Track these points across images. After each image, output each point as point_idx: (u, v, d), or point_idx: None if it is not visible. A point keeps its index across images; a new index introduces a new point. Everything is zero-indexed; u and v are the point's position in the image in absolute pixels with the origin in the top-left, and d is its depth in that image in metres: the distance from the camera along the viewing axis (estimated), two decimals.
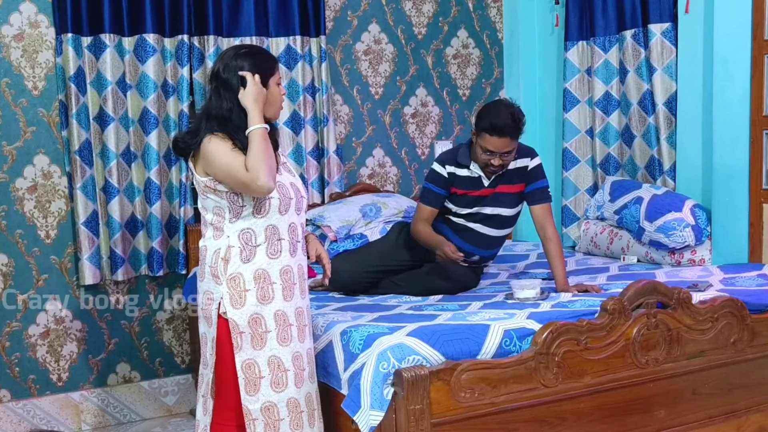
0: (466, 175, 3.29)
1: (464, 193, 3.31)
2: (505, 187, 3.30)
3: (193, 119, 2.39)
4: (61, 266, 3.71)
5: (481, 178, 3.29)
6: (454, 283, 3.28)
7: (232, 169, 2.26)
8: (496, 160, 3.18)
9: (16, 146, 3.61)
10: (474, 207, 3.31)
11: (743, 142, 3.41)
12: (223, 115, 2.32)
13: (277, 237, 2.37)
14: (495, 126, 3.12)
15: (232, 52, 2.39)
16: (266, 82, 2.37)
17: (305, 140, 4.11)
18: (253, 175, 2.23)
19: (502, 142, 3.13)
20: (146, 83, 3.75)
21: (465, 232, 3.34)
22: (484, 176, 3.28)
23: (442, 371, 2.29)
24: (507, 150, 3.17)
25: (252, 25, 3.96)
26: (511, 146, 3.17)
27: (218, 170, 2.29)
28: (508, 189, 3.31)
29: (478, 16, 4.62)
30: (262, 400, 2.34)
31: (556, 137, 4.50)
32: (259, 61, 2.38)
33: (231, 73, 2.34)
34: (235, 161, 2.26)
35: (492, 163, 3.19)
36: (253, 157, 2.25)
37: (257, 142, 2.27)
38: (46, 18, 3.61)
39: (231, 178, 2.27)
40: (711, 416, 2.74)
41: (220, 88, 2.35)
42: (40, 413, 3.70)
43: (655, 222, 3.58)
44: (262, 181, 2.23)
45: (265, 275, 2.35)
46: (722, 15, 3.45)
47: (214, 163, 2.28)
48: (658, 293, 2.63)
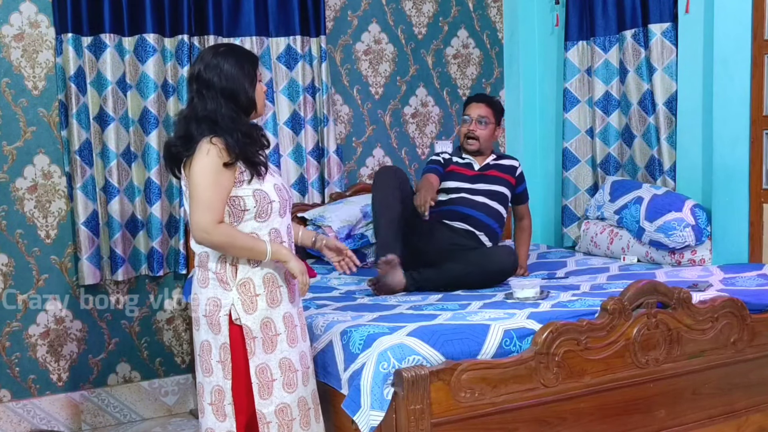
0: (459, 159, 3.78)
1: (459, 170, 3.72)
2: (494, 172, 3.73)
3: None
4: (61, 266, 3.71)
5: (472, 163, 3.74)
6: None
7: (201, 198, 2.24)
8: (472, 126, 3.69)
9: (16, 146, 3.61)
10: (470, 183, 3.68)
11: (743, 142, 3.42)
12: (209, 116, 2.29)
13: (280, 239, 2.37)
14: (470, 97, 3.84)
15: (211, 52, 2.36)
16: (254, 76, 2.36)
17: (305, 140, 4.11)
18: (202, 225, 2.23)
19: (476, 106, 3.72)
20: (146, 83, 3.75)
21: (467, 202, 3.63)
22: (474, 161, 3.73)
23: (442, 371, 2.29)
24: (480, 115, 3.69)
25: (252, 25, 3.96)
26: (483, 111, 3.71)
27: (192, 183, 2.26)
28: (497, 174, 3.73)
29: (478, 16, 4.62)
30: (276, 402, 2.34)
31: (556, 137, 4.50)
32: (240, 59, 2.35)
33: (212, 73, 2.30)
34: (208, 194, 2.24)
35: (470, 128, 3.70)
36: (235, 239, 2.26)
37: (255, 251, 2.28)
38: (46, 18, 3.61)
39: (193, 200, 2.25)
40: (711, 416, 2.74)
41: (202, 90, 2.31)
42: (40, 413, 3.70)
43: (655, 222, 3.58)
44: (199, 236, 2.25)
45: (273, 279, 2.35)
46: (722, 15, 3.45)
47: (195, 175, 2.25)
48: (659, 293, 2.63)
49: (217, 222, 2.25)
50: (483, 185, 3.67)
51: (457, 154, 3.80)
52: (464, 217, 3.59)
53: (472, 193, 3.64)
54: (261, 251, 2.29)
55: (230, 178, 2.26)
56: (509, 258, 3.37)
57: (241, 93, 2.33)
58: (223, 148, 2.24)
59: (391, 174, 3.50)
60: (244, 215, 2.31)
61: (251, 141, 2.31)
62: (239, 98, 2.33)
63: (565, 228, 4.36)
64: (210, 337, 2.34)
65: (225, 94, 2.31)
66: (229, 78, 2.31)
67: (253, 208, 2.31)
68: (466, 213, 3.60)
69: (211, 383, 2.36)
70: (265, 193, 2.32)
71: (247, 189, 2.30)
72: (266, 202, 2.32)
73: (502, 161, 3.78)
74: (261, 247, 2.29)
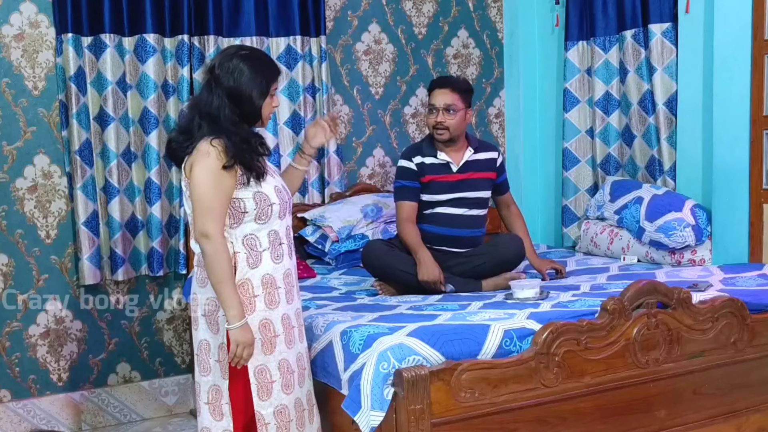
0: (434, 162, 3.45)
1: (438, 179, 3.43)
2: (475, 173, 3.48)
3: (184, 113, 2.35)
4: (62, 266, 3.71)
5: (450, 164, 3.45)
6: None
7: (202, 202, 2.23)
8: (440, 116, 3.39)
9: (16, 146, 3.60)
10: (451, 192, 3.43)
11: (743, 142, 3.42)
12: (212, 113, 2.29)
13: (279, 241, 2.37)
14: (434, 82, 3.52)
15: (232, 51, 2.36)
16: (268, 89, 2.34)
17: None
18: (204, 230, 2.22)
19: (441, 93, 3.40)
20: (146, 83, 3.75)
21: (448, 220, 3.43)
22: (452, 162, 3.44)
23: (443, 371, 2.29)
24: (447, 103, 3.38)
25: (252, 25, 3.96)
26: (450, 99, 3.39)
27: (194, 185, 2.25)
28: (478, 175, 3.49)
29: (478, 16, 4.62)
30: (275, 404, 2.34)
31: (556, 137, 4.50)
32: (257, 67, 2.33)
33: (225, 71, 2.30)
34: (209, 198, 2.23)
35: (437, 120, 3.39)
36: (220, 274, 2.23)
37: (224, 296, 2.25)
38: (46, 18, 3.61)
39: (195, 202, 2.25)
40: (711, 416, 2.74)
41: (212, 82, 2.32)
42: (40, 413, 3.70)
43: (655, 222, 3.58)
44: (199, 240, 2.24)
45: (272, 280, 2.34)
46: (722, 15, 3.45)
47: (196, 177, 2.24)
48: (659, 293, 2.63)
49: (218, 227, 2.23)
50: (464, 194, 3.44)
51: (430, 151, 3.46)
52: (449, 240, 3.42)
53: (453, 205, 3.43)
54: (230, 296, 2.25)
55: (231, 181, 2.26)
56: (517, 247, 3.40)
57: (246, 100, 2.31)
58: (222, 151, 2.24)
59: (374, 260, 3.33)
60: (244, 217, 2.30)
61: (248, 147, 2.30)
62: (244, 105, 2.32)
63: (565, 228, 4.36)
64: (209, 336, 2.34)
65: (231, 96, 2.30)
66: (238, 82, 2.30)
67: (253, 210, 2.30)
68: (450, 235, 3.42)
69: (209, 382, 2.36)
70: (265, 195, 2.32)
71: (247, 191, 2.29)
72: (266, 205, 2.32)
73: (480, 155, 3.50)
74: (233, 299, 2.24)
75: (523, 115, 4.58)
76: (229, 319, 2.24)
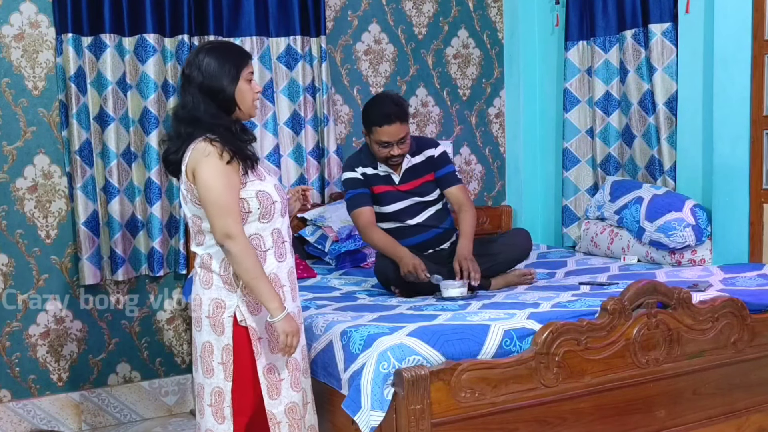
0: (377, 173, 3.36)
1: (386, 190, 3.36)
2: (417, 180, 3.37)
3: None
4: (62, 266, 3.71)
5: (390, 175, 3.36)
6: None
7: (217, 203, 2.21)
8: (395, 150, 3.25)
9: (16, 146, 3.61)
10: (402, 201, 3.36)
11: (743, 142, 3.42)
12: (191, 113, 2.27)
13: (282, 240, 2.37)
14: (382, 115, 3.21)
15: (199, 48, 2.35)
16: (238, 74, 2.31)
17: (305, 140, 4.11)
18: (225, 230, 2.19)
19: (394, 128, 3.21)
20: (146, 83, 3.75)
21: (414, 230, 3.37)
22: (393, 173, 3.35)
23: (443, 371, 2.29)
24: (401, 136, 3.23)
25: (252, 25, 3.96)
26: (403, 131, 3.24)
27: (204, 188, 2.22)
28: (420, 181, 3.38)
29: (478, 16, 4.62)
30: (285, 402, 2.35)
31: (556, 137, 4.50)
32: (223, 56, 2.31)
33: (193, 69, 2.29)
34: (224, 198, 2.20)
35: (392, 154, 3.26)
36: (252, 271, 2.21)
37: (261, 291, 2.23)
38: (46, 18, 3.61)
39: (210, 205, 2.22)
40: (711, 416, 2.74)
41: (185, 84, 2.31)
42: (40, 413, 3.70)
43: (655, 222, 3.58)
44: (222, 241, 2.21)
45: (277, 279, 2.34)
46: (722, 15, 3.45)
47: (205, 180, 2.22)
48: (659, 293, 2.63)
49: (239, 225, 2.22)
50: (413, 199, 3.36)
51: (370, 162, 3.36)
52: (423, 247, 3.37)
53: (410, 215, 3.36)
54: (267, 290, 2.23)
55: (237, 176, 2.26)
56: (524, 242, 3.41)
57: (218, 91, 2.29)
58: (220, 146, 2.24)
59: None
60: (248, 217, 2.29)
61: (232, 136, 2.29)
62: (217, 96, 2.29)
63: (566, 228, 4.36)
64: (212, 338, 2.33)
65: (203, 91, 2.29)
66: (206, 75, 2.28)
67: (257, 209, 2.30)
68: (422, 241, 3.37)
69: (212, 384, 2.35)
70: (267, 194, 2.32)
71: (250, 191, 2.29)
72: (269, 203, 2.32)
73: (417, 158, 3.39)
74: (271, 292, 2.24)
75: (523, 115, 4.58)
76: (271, 312, 2.24)
